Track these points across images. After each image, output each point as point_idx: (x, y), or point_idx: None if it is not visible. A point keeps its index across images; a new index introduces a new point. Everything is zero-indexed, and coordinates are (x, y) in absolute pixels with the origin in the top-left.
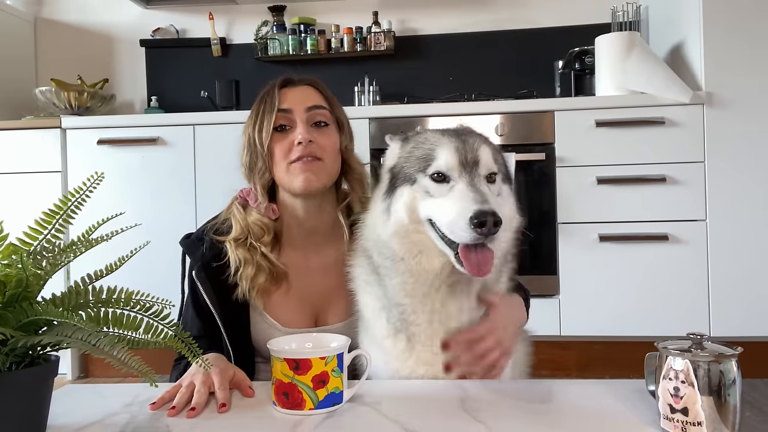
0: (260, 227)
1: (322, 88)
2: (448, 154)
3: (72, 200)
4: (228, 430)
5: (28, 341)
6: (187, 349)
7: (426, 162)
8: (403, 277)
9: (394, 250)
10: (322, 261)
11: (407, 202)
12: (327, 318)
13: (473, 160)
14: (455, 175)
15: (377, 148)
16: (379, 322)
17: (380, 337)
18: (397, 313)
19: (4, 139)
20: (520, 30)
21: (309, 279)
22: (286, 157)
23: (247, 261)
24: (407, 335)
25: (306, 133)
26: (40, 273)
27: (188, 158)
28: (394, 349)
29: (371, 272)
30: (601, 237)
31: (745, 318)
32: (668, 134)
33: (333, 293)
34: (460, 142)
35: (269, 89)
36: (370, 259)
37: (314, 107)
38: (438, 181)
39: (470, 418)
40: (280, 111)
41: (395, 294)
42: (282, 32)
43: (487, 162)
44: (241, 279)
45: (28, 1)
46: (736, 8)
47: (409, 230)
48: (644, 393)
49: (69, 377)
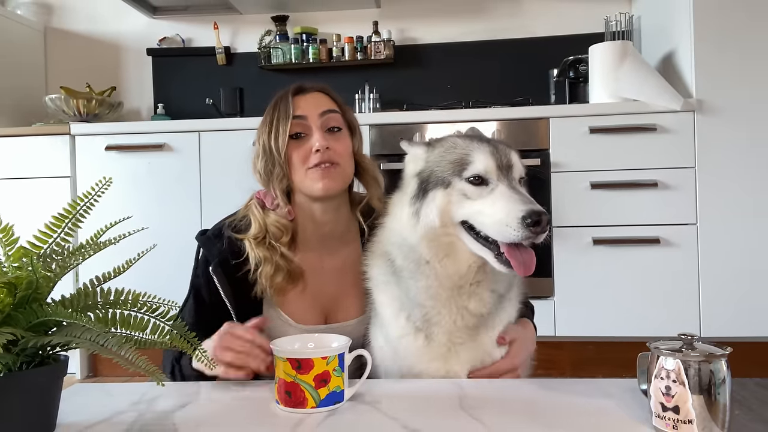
0: (278, 228)
1: (333, 94)
2: (486, 158)
3: (81, 205)
4: (233, 427)
5: (38, 341)
6: (192, 350)
7: (461, 166)
8: (429, 281)
9: (421, 254)
10: (335, 262)
11: (440, 206)
12: (337, 316)
13: (507, 164)
14: (494, 178)
15: (377, 154)
16: (397, 321)
17: (397, 335)
18: (419, 313)
19: (15, 145)
20: (516, 39)
21: (323, 279)
22: (304, 163)
23: (267, 259)
24: (426, 334)
25: (323, 140)
26: (50, 275)
27: (194, 164)
28: (412, 347)
29: (391, 274)
30: (595, 240)
31: (734, 319)
32: (660, 141)
33: (345, 293)
34: (493, 147)
35: (282, 96)
36: (391, 261)
37: (327, 111)
38: (476, 184)
39: (468, 416)
40: (295, 118)
41: (419, 295)
42: (285, 41)
43: (519, 166)
44: (261, 277)
45: (38, 11)
46: (726, 19)
47: (438, 233)
48: (636, 392)
49: (78, 376)
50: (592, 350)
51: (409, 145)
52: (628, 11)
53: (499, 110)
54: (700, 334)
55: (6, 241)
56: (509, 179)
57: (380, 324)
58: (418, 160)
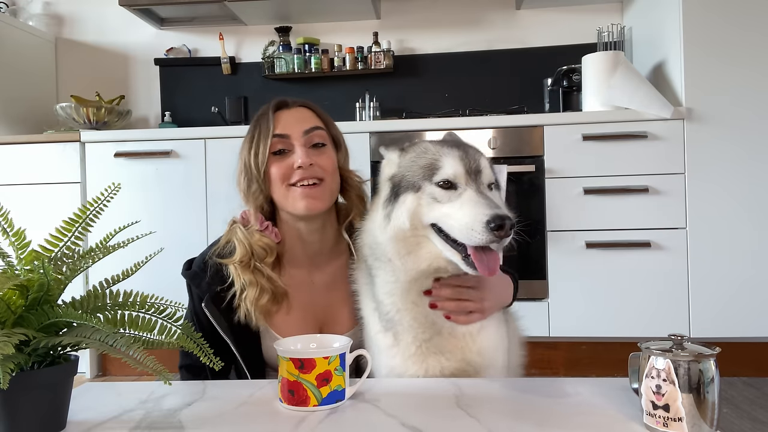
0: (262, 248)
1: (317, 109)
2: (455, 163)
3: (90, 210)
4: (237, 425)
5: (49, 342)
6: (199, 350)
7: (431, 171)
8: (387, 276)
9: (386, 252)
10: (325, 277)
11: (411, 209)
12: (332, 329)
13: (476, 169)
14: (462, 183)
15: (377, 161)
16: (372, 319)
17: (373, 333)
18: (384, 310)
19: (26, 152)
20: (511, 50)
21: (313, 294)
22: (285, 180)
23: (252, 283)
24: (393, 333)
25: (305, 157)
26: (61, 278)
27: (200, 170)
28: (383, 344)
29: (368, 275)
30: (588, 244)
31: (723, 320)
32: (650, 147)
33: (336, 306)
34: (463, 152)
35: (263, 113)
36: (366, 262)
37: (311, 129)
38: (445, 188)
39: (464, 414)
40: (276, 136)
41: (378, 292)
42: (288, 52)
43: (488, 172)
44: (245, 301)
45: (49, 23)
46: (714, 29)
47: (407, 235)
48: (628, 390)
49: (88, 376)
50: (585, 350)
51: (385, 150)
52: (619, 22)
53: (495, 118)
54: (689, 334)
55: (18, 245)
56: (477, 184)
57: (363, 324)
58: (392, 165)
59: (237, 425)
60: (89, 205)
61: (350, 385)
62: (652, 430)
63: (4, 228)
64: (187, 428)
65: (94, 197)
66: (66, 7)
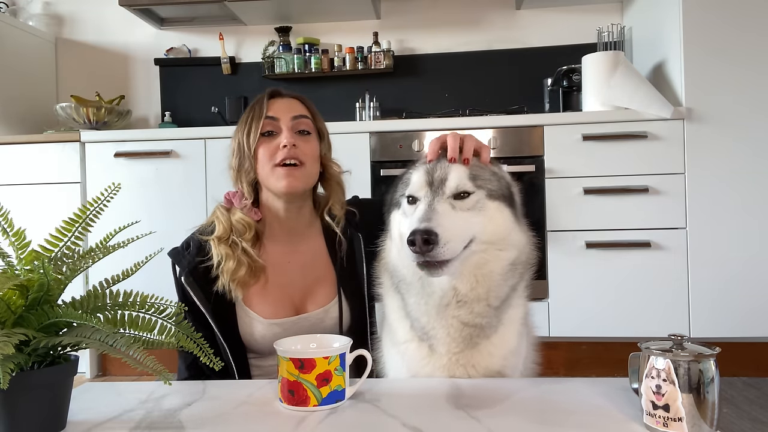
0: (243, 225)
1: (307, 102)
2: (419, 176)
3: (90, 209)
4: (237, 425)
5: (49, 342)
6: (199, 349)
7: (406, 185)
8: (417, 298)
9: (402, 273)
10: (300, 256)
11: (395, 226)
12: (306, 307)
13: (440, 179)
14: (421, 195)
15: (377, 161)
16: (402, 327)
17: (402, 340)
18: (418, 326)
19: (26, 151)
20: (511, 50)
21: (289, 272)
22: (271, 159)
23: (228, 256)
24: (429, 344)
25: (291, 138)
26: (61, 278)
27: (199, 170)
28: (417, 355)
29: (393, 284)
30: (588, 244)
31: (723, 320)
32: (650, 147)
33: (311, 284)
34: (435, 163)
35: (258, 99)
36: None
37: (299, 116)
38: (411, 203)
39: (464, 414)
40: (267, 118)
41: (413, 311)
42: (288, 51)
43: (458, 180)
44: (223, 272)
45: (49, 23)
46: (714, 29)
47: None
48: (628, 390)
49: (88, 376)
50: (585, 350)
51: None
52: (619, 22)
53: (495, 118)
54: (689, 334)
55: (18, 245)
56: (436, 194)
57: (388, 328)
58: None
59: (237, 425)
60: (89, 205)
61: (350, 385)
62: (652, 430)
63: (4, 228)
64: (187, 428)
65: (94, 197)
66: (66, 7)
